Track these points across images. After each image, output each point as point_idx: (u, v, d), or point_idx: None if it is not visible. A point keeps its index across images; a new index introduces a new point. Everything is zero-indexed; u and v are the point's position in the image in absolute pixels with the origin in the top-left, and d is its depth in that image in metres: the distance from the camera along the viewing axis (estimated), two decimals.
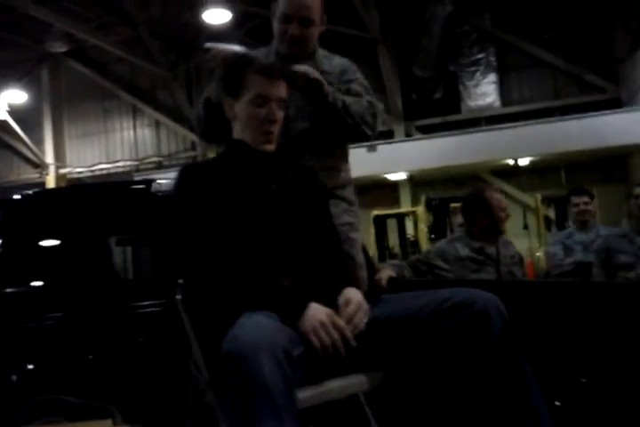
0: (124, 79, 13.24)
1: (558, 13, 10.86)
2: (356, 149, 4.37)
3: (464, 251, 2.87)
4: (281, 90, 1.75)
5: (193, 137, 12.79)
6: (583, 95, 11.18)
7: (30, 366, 2.33)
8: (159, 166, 12.97)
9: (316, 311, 1.45)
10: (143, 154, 13.34)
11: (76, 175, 13.47)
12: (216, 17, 10.55)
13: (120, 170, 13.18)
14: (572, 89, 11.26)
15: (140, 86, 13.19)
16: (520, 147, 10.00)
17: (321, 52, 2.21)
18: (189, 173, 1.72)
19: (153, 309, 2.51)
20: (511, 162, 10.56)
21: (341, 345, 1.42)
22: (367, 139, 2.14)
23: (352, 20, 10.18)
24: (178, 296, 1.69)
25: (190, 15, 11.66)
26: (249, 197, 1.71)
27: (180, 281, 1.73)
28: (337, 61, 2.20)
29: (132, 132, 13.43)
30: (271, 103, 1.73)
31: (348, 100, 2.03)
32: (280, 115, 1.75)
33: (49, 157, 13.70)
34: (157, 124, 13.24)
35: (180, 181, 1.72)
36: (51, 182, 13.31)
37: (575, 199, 4.34)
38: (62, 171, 13.64)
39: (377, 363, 1.58)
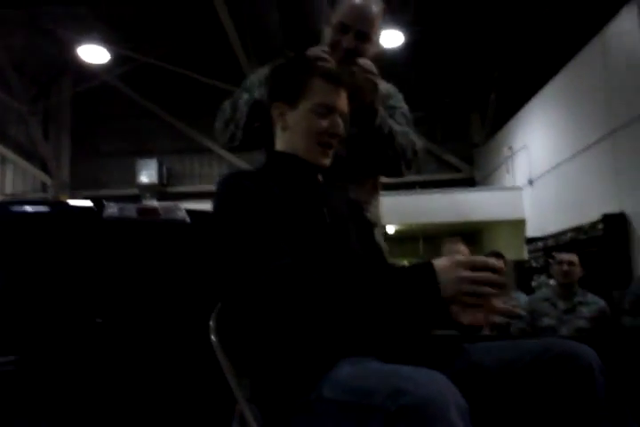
0: None
1: (423, 96, 11.66)
2: None
3: None
4: (345, 103, 1.55)
5: (44, 177, 11.77)
6: (441, 173, 11.97)
7: None
8: None
9: None
10: None
11: None
12: (91, 55, 10.02)
13: None
14: (432, 166, 12.01)
15: None
16: (390, 215, 10.34)
17: None
18: (239, 180, 1.40)
19: None
20: None
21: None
22: (400, 176, 1.94)
23: (236, 77, 10.15)
24: (211, 323, 1.39)
25: (59, 50, 11.00)
26: (301, 219, 1.45)
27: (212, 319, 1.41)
28: (383, 85, 2.02)
29: None
30: (335, 115, 1.51)
31: (396, 128, 1.85)
32: (343, 130, 1.54)
33: None
34: (4, 161, 12.02)
35: (229, 187, 1.40)
36: None
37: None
38: None
39: None
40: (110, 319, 2.25)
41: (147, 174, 11.18)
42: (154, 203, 2.32)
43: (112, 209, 2.19)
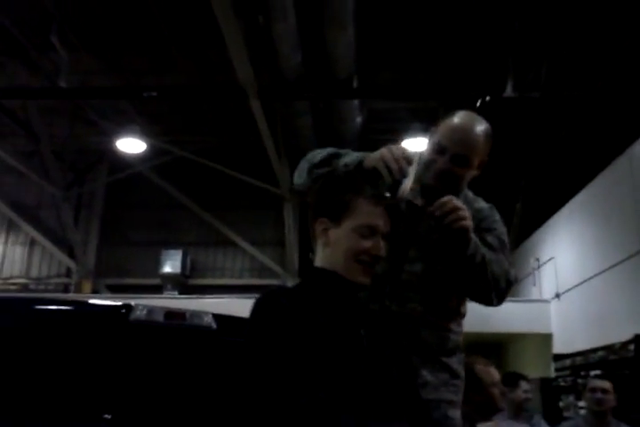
0: (7, 190, 12.29)
1: None
2: None
3: None
4: (388, 224, 1.54)
5: (69, 262, 11.85)
6: None
7: None
8: (24, 289, 11.70)
9: None
10: (8, 273, 11.98)
11: None
12: (129, 146, 10.38)
13: None
14: None
15: (24, 201, 12.23)
16: None
17: (467, 192, 1.94)
18: (277, 299, 1.41)
19: None
20: None
21: None
22: (491, 305, 1.80)
23: (267, 174, 10.44)
24: None
25: (98, 140, 11.43)
26: (336, 342, 1.40)
27: None
28: (480, 205, 1.93)
29: (0, 248, 12.20)
30: (377, 236, 1.50)
31: (489, 255, 1.72)
32: (384, 251, 1.52)
33: None
34: (32, 244, 12.16)
35: (266, 306, 1.40)
36: None
37: (525, 385, 4.23)
38: None
39: None
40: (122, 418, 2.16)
41: (171, 265, 11.21)
42: (182, 309, 2.29)
43: (140, 311, 2.14)
